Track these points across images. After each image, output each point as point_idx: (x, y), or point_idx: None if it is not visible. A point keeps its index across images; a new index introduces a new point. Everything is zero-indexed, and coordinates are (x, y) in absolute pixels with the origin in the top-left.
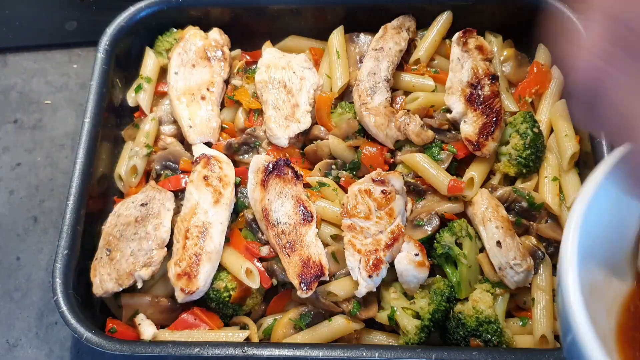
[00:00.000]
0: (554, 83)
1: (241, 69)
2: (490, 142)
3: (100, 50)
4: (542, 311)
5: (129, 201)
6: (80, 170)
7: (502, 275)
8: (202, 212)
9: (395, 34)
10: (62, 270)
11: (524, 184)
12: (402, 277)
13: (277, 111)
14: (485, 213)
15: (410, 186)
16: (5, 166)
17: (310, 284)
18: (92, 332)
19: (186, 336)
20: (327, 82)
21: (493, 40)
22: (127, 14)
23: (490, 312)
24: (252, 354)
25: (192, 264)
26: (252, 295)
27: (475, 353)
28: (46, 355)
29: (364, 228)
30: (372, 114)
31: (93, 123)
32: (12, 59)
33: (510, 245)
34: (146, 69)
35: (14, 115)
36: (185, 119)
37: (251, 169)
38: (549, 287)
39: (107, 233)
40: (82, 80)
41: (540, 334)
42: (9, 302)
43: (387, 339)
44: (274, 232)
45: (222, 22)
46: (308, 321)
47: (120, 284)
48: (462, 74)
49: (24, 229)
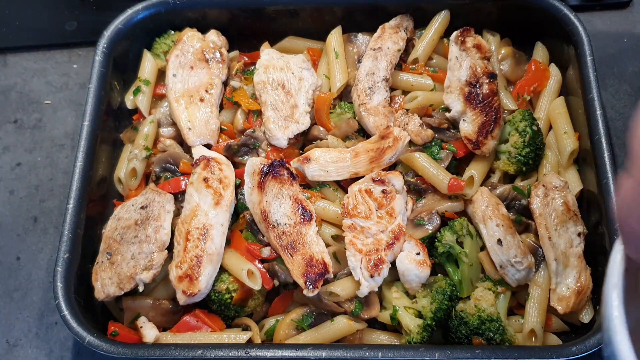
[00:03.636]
0: (552, 81)
1: (239, 70)
2: (490, 141)
3: (98, 53)
4: (534, 306)
5: (129, 204)
6: (80, 174)
7: (503, 273)
8: (203, 214)
9: (393, 34)
10: (63, 274)
11: (523, 181)
12: (403, 276)
13: (276, 112)
14: (485, 211)
15: (410, 185)
16: (5, 166)
17: (316, 282)
18: (94, 336)
19: (188, 338)
20: (326, 82)
21: (491, 39)
22: (125, 16)
23: (492, 310)
24: (255, 355)
25: (193, 266)
26: (254, 297)
27: (478, 351)
28: (46, 355)
29: (365, 228)
30: (371, 114)
31: (92, 126)
32: (12, 59)
33: (511, 243)
34: (144, 71)
35: (14, 115)
36: (184, 121)
37: (247, 172)
38: (546, 284)
39: (108, 236)
40: (82, 80)
41: (529, 328)
42: (9, 302)
43: (390, 339)
44: (275, 233)
45: (219, 23)
46: (310, 322)
47: (121, 288)
48: (460, 72)
49: (24, 229)
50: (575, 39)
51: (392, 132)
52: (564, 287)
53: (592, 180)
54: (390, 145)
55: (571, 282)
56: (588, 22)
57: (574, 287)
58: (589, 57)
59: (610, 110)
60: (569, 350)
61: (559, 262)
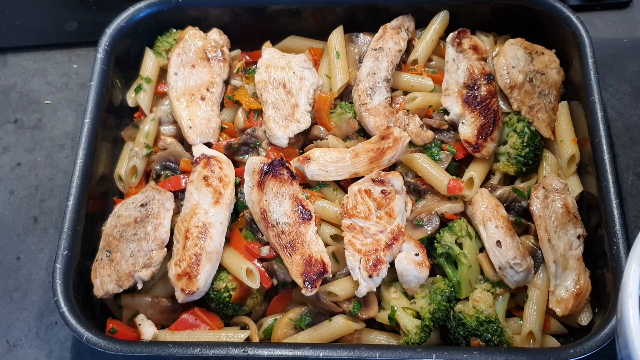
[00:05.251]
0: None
1: (241, 69)
2: (489, 143)
3: (99, 50)
4: (533, 308)
5: (129, 202)
6: (80, 171)
7: (502, 275)
8: (202, 212)
9: (395, 34)
10: (62, 271)
11: (523, 183)
12: (402, 277)
13: (277, 111)
14: (485, 213)
15: (410, 186)
16: (5, 166)
17: (314, 281)
18: (92, 333)
19: (187, 336)
20: (327, 82)
21: (485, 40)
22: (127, 14)
23: (491, 311)
24: (253, 354)
25: (192, 264)
26: (252, 296)
27: (475, 353)
28: (46, 355)
29: (364, 228)
30: (371, 114)
31: (93, 123)
32: (12, 59)
33: (510, 245)
34: (146, 69)
35: (14, 115)
36: (185, 119)
37: (247, 171)
38: (545, 286)
39: (107, 234)
40: (82, 80)
41: (527, 330)
42: (9, 302)
43: (388, 339)
44: (274, 232)
45: (221, 22)
46: (308, 321)
47: (120, 285)
48: (458, 74)
49: (24, 229)
50: (577, 41)
51: (393, 133)
52: (562, 290)
53: (593, 183)
54: (390, 146)
55: (570, 284)
56: (588, 22)
57: (572, 289)
58: (591, 59)
59: (610, 111)
60: (567, 352)
61: (558, 264)
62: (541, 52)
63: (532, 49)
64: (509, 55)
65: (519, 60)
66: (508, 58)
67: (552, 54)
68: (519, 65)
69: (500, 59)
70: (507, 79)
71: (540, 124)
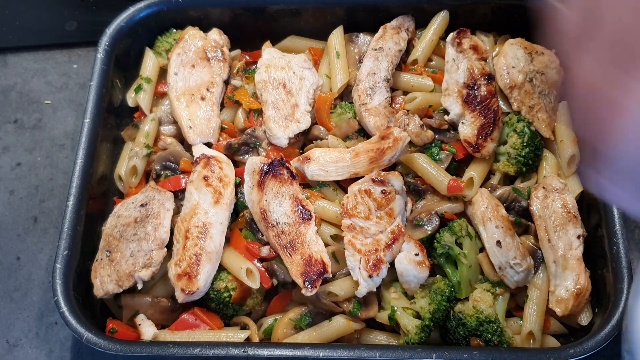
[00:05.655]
0: None
1: (241, 69)
2: (489, 143)
3: (99, 50)
4: (533, 308)
5: (129, 202)
6: (80, 171)
7: (502, 275)
8: (202, 212)
9: (395, 34)
10: (62, 271)
11: (523, 183)
12: (402, 277)
13: (277, 111)
14: (485, 213)
15: (410, 186)
16: (5, 166)
17: (314, 282)
18: (92, 333)
19: (187, 336)
20: (327, 82)
21: (485, 40)
22: (127, 14)
23: (491, 311)
24: (253, 354)
25: (192, 264)
26: (252, 296)
27: (475, 353)
28: (46, 355)
29: (364, 228)
30: (371, 114)
31: (93, 123)
32: (12, 59)
33: (510, 245)
34: (146, 69)
35: (14, 115)
36: (185, 119)
37: (246, 171)
38: (545, 286)
39: (107, 234)
40: (82, 80)
41: (527, 330)
42: (9, 302)
43: (388, 339)
44: (274, 232)
45: (221, 22)
46: (308, 321)
47: (120, 285)
48: (458, 74)
49: (24, 229)
50: None
51: (393, 133)
52: (562, 290)
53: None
54: (390, 146)
55: (570, 284)
56: None
57: (572, 289)
58: None
59: None
60: (567, 352)
61: (558, 264)
62: (541, 52)
63: (532, 49)
64: (509, 55)
65: (519, 60)
66: (508, 58)
67: (552, 54)
68: (519, 65)
69: (500, 59)
70: (507, 79)
71: (540, 124)
